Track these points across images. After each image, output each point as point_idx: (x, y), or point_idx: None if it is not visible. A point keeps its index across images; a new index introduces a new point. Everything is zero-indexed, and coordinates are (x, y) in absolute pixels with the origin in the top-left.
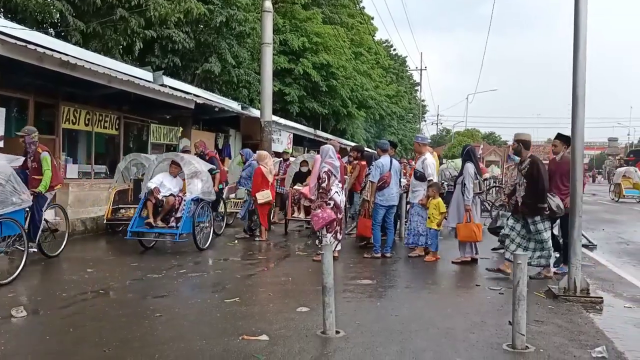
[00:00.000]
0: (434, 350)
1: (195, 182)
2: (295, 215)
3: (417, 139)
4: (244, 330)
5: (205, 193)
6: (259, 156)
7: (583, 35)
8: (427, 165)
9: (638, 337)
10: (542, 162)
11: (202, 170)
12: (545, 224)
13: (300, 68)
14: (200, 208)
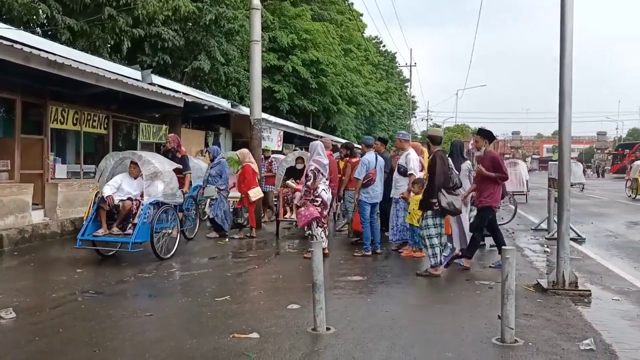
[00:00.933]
0: (423, 345)
1: (156, 183)
2: (287, 216)
3: (398, 136)
4: (235, 328)
5: (167, 195)
6: (242, 154)
7: (570, 29)
8: (409, 160)
9: (625, 329)
10: (443, 158)
11: (164, 170)
12: (435, 220)
13: (290, 65)
14: (162, 213)
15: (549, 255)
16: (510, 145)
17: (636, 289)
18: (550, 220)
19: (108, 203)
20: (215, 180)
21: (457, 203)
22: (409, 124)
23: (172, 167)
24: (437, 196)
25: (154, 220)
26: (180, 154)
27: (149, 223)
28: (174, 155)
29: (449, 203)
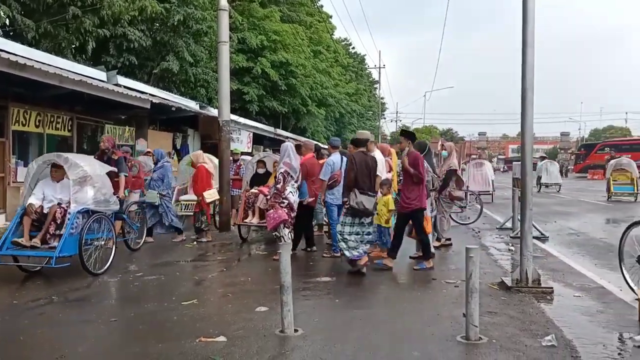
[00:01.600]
0: (390, 344)
1: (85, 189)
2: (247, 220)
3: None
4: (202, 332)
5: (99, 202)
6: (195, 156)
7: (531, 31)
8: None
9: (586, 325)
10: (354, 159)
11: (94, 173)
12: (346, 218)
13: (259, 67)
14: (93, 222)
15: (514, 254)
16: (477, 146)
17: (597, 286)
18: (515, 219)
19: (35, 211)
20: (157, 184)
21: (367, 203)
22: (379, 125)
23: (104, 171)
24: (347, 195)
25: (83, 230)
26: (116, 155)
27: (77, 234)
28: (110, 157)
29: (357, 202)
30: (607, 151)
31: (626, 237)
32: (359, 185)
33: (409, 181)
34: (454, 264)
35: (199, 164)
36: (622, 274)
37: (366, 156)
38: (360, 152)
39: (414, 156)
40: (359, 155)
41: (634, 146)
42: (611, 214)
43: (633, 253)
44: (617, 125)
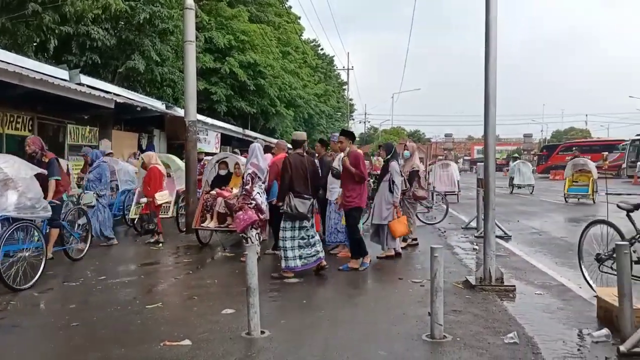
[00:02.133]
0: (356, 344)
1: (6, 194)
2: (205, 224)
3: (333, 138)
4: (166, 336)
5: (23, 208)
6: (147, 157)
7: (494, 35)
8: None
9: (547, 322)
10: (291, 161)
11: (17, 176)
12: (286, 223)
13: (227, 67)
14: (17, 231)
15: (478, 253)
16: (443, 147)
17: (557, 283)
18: (479, 219)
19: None
20: (94, 185)
21: (301, 207)
22: (347, 126)
23: (30, 173)
24: (283, 199)
25: (1, 241)
26: (46, 157)
27: None
28: (40, 160)
29: (291, 207)
30: (573, 151)
31: (585, 236)
32: (294, 189)
33: (350, 180)
34: (420, 264)
35: (150, 165)
36: (581, 271)
37: (303, 158)
38: (296, 154)
39: (355, 155)
40: (294, 157)
41: (593, 147)
42: (572, 213)
43: (592, 251)
44: (578, 127)
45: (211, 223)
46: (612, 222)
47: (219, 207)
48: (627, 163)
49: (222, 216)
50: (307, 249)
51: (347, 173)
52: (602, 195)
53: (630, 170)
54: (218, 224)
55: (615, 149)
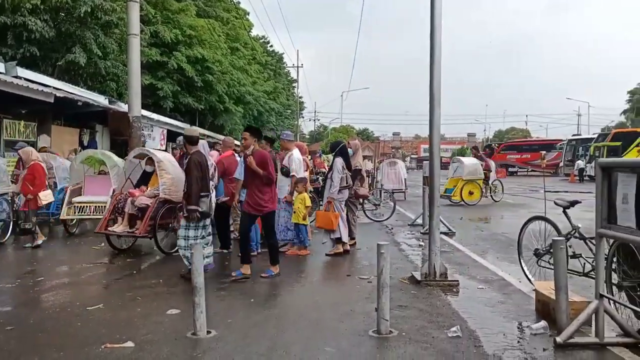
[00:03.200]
0: (304, 342)
1: None
2: (112, 228)
3: (282, 136)
4: (108, 338)
5: None
6: (26, 153)
7: (438, 37)
8: (291, 161)
9: (488, 315)
10: (201, 160)
11: None
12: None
13: (174, 62)
14: None
15: (423, 249)
16: (391, 146)
17: (498, 278)
18: (425, 215)
19: None
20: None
21: (203, 206)
22: (297, 124)
23: None
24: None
25: None
26: None
27: None
28: None
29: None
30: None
31: (524, 232)
32: (206, 188)
33: (258, 182)
34: (367, 260)
35: (30, 162)
36: (520, 266)
37: (201, 156)
38: (198, 152)
39: (261, 155)
40: (199, 155)
41: (532, 146)
42: (513, 210)
43: (531, 247)
44: (519, 127)
45: (120, 227)
46: (549, 219)
47: (129, 208)
48: (564, 162)
49: (133, 219)
50: (207, 249)
51: (254, 175)
52: (540, 193)
53: (567, 169)
54: (128, 227)
55: (553, 148)
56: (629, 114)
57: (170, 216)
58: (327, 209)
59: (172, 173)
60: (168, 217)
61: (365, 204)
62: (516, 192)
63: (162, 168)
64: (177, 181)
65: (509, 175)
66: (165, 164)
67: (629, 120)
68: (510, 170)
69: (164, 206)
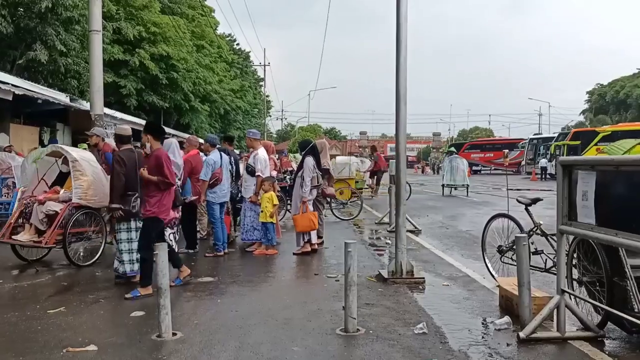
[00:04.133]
0: (271, 341)
1: None
2: (17, 237)
3: (248, 134)
4: (69, 341)
5: None
6: None
7: (404, 37)
8: (257, 160)
9: (453, 312)
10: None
11: None
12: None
13: (137, 59)
14: None
15: (390, 247)
16: (358, 145)
17: (463, 274)
18: (392, 214)
19: None
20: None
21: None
22: (264, 122)
23: None
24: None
25: None
26: None
27: None
28: None
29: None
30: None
31: (488, 229)
32: (130, 187)
33: (151, 185)
34: (335, 259)
35: None
36: (484, 263)
37: (134, 153)
38: (127, 150)
39: (156, 156)
40: (125, 153)
41: (495, 145)
42: (477, 208)
43: (494, 243)
44: (482, 127)
45: (25, 235)
46: (512, 216)
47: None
48: (526, 160)
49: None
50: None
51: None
52: (503, 191)
53: (529, 167)
54: (36, 236)
55: (516, 148)
56: (587, 114)
57: (88, 224)
58: (304, 210)
59: (90, 175)
60: (84, 224)
61: (332, 202)
62: (480, 190)
63: (77, 169)
64: (96, 184)
65: (473, 173)
66: (82, 164)
67: (588, 120)
68: (474, 169)
69: (77, 212)
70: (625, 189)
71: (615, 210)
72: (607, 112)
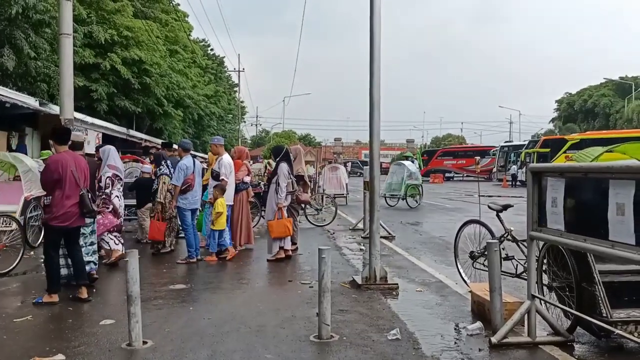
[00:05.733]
0: (244, 349)
1: None
2: None
3: (213, 141)
4: (36, 351)
5: None
6: None
7: (377, 45)
8: (221, 165)
9: (426, 317)
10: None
11: None
12: None
13: (108, 63)
14: None
15: (364, 253)
16: (332, 151)
17: (436, 280)
18: (366, 220)
19: None
20: None
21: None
22: (239, 128)
23: None
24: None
25: None
26: None
27: None
28: None
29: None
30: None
31: (460, 235)
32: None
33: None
34: (309, 265)
35: None
36: (457, 268)
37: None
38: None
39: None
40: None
41: (468, 152)
42: (450, 214)
43: (466, 249)
44: (455, 134)
45: None
46: (483, 222)
47: None
48: (497, 167)
49: None
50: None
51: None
52: (475, 197)
53: (499, 174)
54: None
55: (487, 155)
56: (557, 122)
57: None
58: (279, 216)
59: None
60: None
61: (307, 208)
62: (452, 196)
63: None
64: None
65: (445, 180)
66: None
67: (557, 128)
68: (447, 175)
69: None
70: (593, 195)
71: (584, 217)
72: (576, 121)
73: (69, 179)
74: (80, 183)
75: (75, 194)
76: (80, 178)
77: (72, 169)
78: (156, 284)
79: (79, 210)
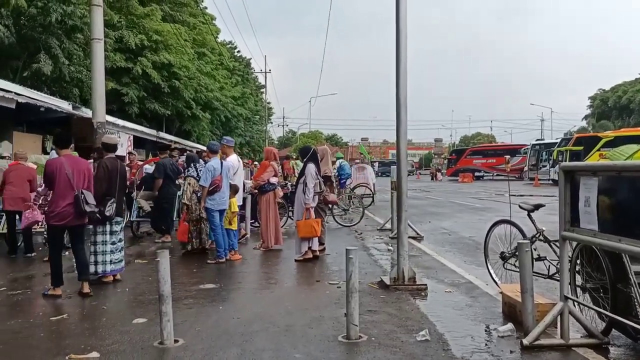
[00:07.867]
0: (273, 348)
1: None
2: None
3: (223, 142)
4: (72, 349)
5: None
6: None
7: (404, 44)
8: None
9: (456, 319)
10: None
11: None
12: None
13: (139, 67)
14: None
15: (392, 253)
16: (359, 151)
17: (465, 281)
18: (394, 220)
19: None
20: None
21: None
22: (266, 129)
23: None
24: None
25: None
26: None
27: None
28: None
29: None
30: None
31: (490, 236)
32: (110, 193)
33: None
34: (337, 265)
35: None
36: (487, 269)
37: (117, 162)
38: (112, 158)
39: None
40: (110, 160)
41: (497, 151)
42: (479, 214)
43: (497, 250)
44: (484, 133)
45: None
46: (514, 222)
47: None
48: (529, 166)
49: None
50: (116, 254)
51: None
52: (505, 197)
53: (531, 173)
54: None
55: (518, 153)
56: (590, 119)
57: None
58: (307, 217)
59: None
60: None
61: (334, 209)
62: (482, 196)
63: None
64: None
65: (475, 179)
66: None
67: (590, 125)
68: (477, 174)
69: None
70: (628, 194)
71: (618, 216)
72: (610, 118)
73: (63, 181)
74: (74, 185)
75: (69, 195)
76: (77, 180)
77: (68, 172)
78: (186, 284)
79: (75, 210)
